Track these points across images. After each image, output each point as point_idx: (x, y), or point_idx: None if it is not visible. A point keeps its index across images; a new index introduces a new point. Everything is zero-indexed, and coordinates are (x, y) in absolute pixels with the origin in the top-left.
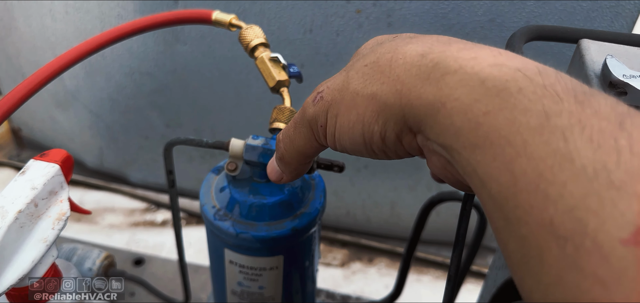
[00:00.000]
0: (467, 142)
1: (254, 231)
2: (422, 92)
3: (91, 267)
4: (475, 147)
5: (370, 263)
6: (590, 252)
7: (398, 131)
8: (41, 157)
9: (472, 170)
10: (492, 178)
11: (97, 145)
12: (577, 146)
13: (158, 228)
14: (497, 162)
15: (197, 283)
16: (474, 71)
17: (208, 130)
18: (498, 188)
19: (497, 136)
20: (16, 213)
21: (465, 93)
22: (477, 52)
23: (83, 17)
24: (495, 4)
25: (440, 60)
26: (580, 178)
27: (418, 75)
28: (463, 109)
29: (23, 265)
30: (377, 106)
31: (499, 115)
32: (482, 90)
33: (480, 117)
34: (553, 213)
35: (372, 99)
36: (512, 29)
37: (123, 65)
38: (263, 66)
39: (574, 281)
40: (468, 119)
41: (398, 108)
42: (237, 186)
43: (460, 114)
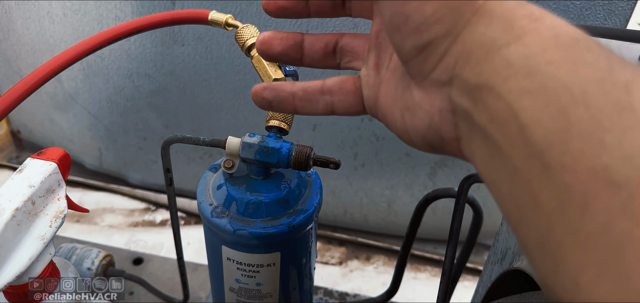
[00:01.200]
0: (518, 86)
1: (250, 228)
2: (495, 17)
3: (90, 266)
4: (526, 92)
5: (367, 261)
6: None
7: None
8: (38, 155)
9: (511, 115)
10: (538, 124)
11: (96, 147)
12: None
13: (157, 228)
14: (550, 108)
15: (196, 282)
16: (552, 24)
17: (206, 130)
18: (544, 133)
19: (554, 84)
20: (13, 211)
21: (537, 41)
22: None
23: (81, 19)
24: None
25: (527, 4)
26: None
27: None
28: (528, 54)
29: (20, 263)
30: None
31: (562, 65)
32: (553, 43)
33: (543, 65)
34: (608, 161)
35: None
36: None
37: (121, 67)
38: (259, 65)
39: (625, 228)
40: (529, 65)
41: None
42: (234, 183)
43: (523, 58)
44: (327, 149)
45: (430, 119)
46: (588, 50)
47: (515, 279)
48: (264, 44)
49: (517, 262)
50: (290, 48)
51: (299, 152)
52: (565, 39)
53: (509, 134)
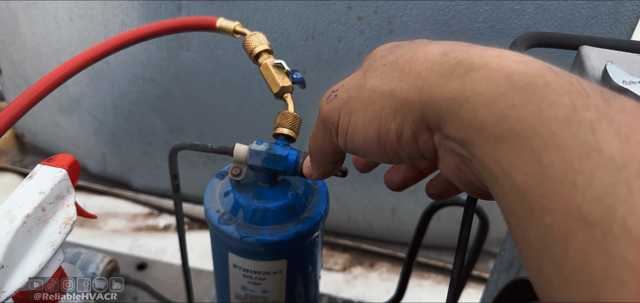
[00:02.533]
0: (491, 135)
1: (257, 235)
2: (445, 88)
3: (95, 271)
4: (500, 140)
5: (371, 268)
6: (619, 237)
7: (415, 129)
8: (48, 161)
9: (495, 163)
10: (517, 169)
11: (101, 151)
12: (605, 138)
13: (160, 233)
14: (524, 153)
15: (200, 287)
16: (499, 67)
17: (211, 135)
18: (523, 178)
19: (524, 128)
20: (24, 218)
21: (490, 87)
22: (501, 51)
23: (87, 23)
24: (495, 10)
25: (464, 58)
26: (609, 168)
27: (440, 72)
28: (488, 102)
29: (30, 269)
30: (395, 103)
31: (526, 108)
32: (508, 84)
33: (506, 110)
34: (581, 201)
35: (390, 96)
36: (512, 35)
37: (127, 72)
38: (267, 72)
39: (601, 264)
40: (493, 112)
41: (418, 104)
42: (241, 191)
43: (485, 107)
44: None
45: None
46: (546, 85)
47: (522, 289)
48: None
49: (524, 272)
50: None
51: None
52: (519, 78)
53: (498, 179)
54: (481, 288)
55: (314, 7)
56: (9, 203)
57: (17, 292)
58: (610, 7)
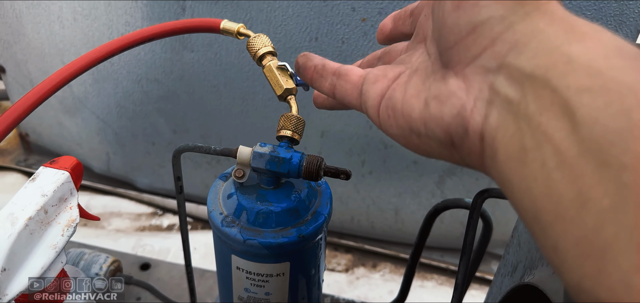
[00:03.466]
0: (577, 83)
1: (261, 238)
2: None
3: (98, 271)
4: (586, 90)
5: (374, 269)
6: None
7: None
8: (51, 164)
9: (567, 110)
10: (597, 122)
11: (105, 151)
12: None
13: (164, 233)
14: (612, 107)
15: (203, 287)
16: (612, 38)
17: (214, 136)
18: (603, 131)
19: (617, 86)
20: (26, 220)
21: (598, 46)
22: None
23: (91, 24)
24: None
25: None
26: None
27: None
28: (590, 56)
29: (32, 271)
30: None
31: (626, 72)
32: (616, 51)
33: (606, 69)
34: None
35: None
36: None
37: (131, 72)
38: (271, 74)
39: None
40: (590, 65)
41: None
42: (244, 193)
43: (585, 57)
44: (335, 156)
45: (461, 107)
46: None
47: (527, 294)
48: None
49: (529, 277)
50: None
51: (309, 162)
52: (628, 50)
53: (561, 128)
54: (484, 290)
55: (317, 8)
56: (12, 205)
57: (19, 294)
58: (615, 9)
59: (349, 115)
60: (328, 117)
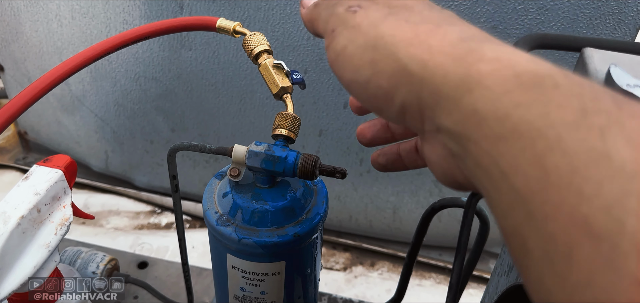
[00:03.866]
0: (491, 133)
1: (256, 237)
2: (450, 72)
3: (95, 270)
4: (500, 138)
5: (372, 268)
6: (628, 253)
7: (407, 102)
8: (44, 162)
9: (492, 162)
10: (518, 171)
11: (103, 149)
12: (616, 145)
13: (162, 231)
14: (526, 154)
15: (201, 286)
16: (510, 63)
17: (212, 134)
18: (524, 181)
19: (527, 128)
20: (18, 219)
21: (497, 83)
22: (515, 50)
23: (89, 22)
24: (497, 10)
25: (477, 47)
26: (619, 177)
27: (451, 54)
28: (492, 98)
29: (25, 271)
30: (395, 65)
31: (532, 108)
32: (516, 83)
33: (511, 108)
34: (587, 212)
35: (393, 55)
36: (515, 36)
37: (129, 70)
38: (266, 73)
39: (608, 281)
40: (495, 109)
41: (418, 79)
42: (239, 192)
43: (487, 103)
44: (333, 154)
45: (441, 168)
46: (556, 87)
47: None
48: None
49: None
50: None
51: (305, 161)
52: (528, 78)
53: (494, 180)
54: (482, 289)
55: None
56: (4, 204)
57: (11, 294)
58: (614, 8)
59: (346, 113)
60: (325, 115)
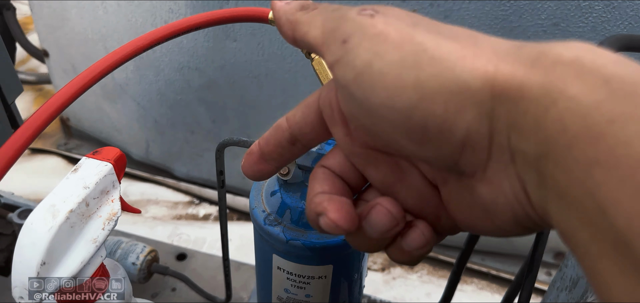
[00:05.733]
0: (583, 157)
1: (304, 239)
2: (526, 81)
3: (135, 261)
4: (594, 164)
5: (411, 270)
6: None
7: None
8: (94, 154)
9: (585, 193)
10: (618, 207)
11: (144, 138)
12: None
13: (200, 223)
14: (628, 187)
15: (238, 281)
16: (595, 65)
17: (253, 127)
18: (627, 221)
19: (625, 152)
20: (67, 213)
21: (584, 91)
22: (591, 46)
23: (135, 9)
24: (560, 7)
25: (548, 49)
26: None
27: (519, 59)
28: (581, 112)
29: (72, 266)
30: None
31: (629, 125)
32: (607, 91)
33: (604, 125)
34: None
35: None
36: (577, 34)
37: (173, 60)
38: (320, 67)
39: None
40: (587, 126)
41: (487, 95)
42: (288, 191)
43: (577, 118)
44: None
45: (512, 210)
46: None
47: None
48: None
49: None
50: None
51: None
52: (618, 85)
53: (587, 216)
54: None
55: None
56: (53, 197)
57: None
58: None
59: None
60: None
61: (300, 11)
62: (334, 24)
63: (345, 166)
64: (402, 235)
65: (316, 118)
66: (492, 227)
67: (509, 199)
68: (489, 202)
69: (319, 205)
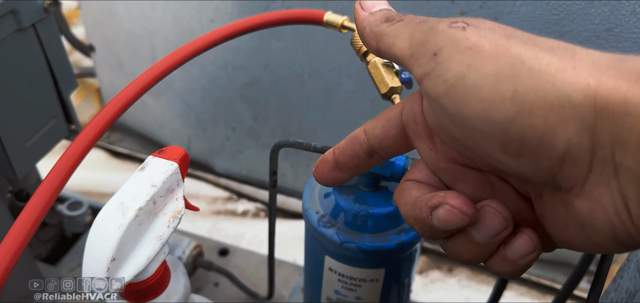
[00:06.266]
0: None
1: (358, 241)
2: (631, 95)
3: (181, 255)
4: None
5: (449, 273)
6: None
7: (574, 142)
8: (160, 154)
9: None
10: None
11: (186, 133)
12: None
13: (238, 218)
14: None
15: (279, 279)
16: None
17: (295, 125)
18: None
19: None
20: (136, 211)
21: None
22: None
23: (181, 7)
24: (614, 12)
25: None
26: None
27: (621, 73)
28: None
29: (139, 262)
30: (555, 97)
31: None
32: None
33: None
34: None
35: (547, 82)
36: (631, 40)
37: (217, 58)
38: (376, 71)
39: None
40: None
41: (589, 109)
42: (342, 193)
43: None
44: None
45: (612, 226)
46: None
47: None
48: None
49: None
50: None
51: None
52: None
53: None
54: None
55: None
56: (122, 194)
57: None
58: None
59: None
60: None
61: (385, 23)
62: (423, 37)
63: (432, 180)
64: (506, 242)
65: (398, 132)
66: (590, 243)
67: (609, 215)
68: (587, 218)
69: (431, 199)
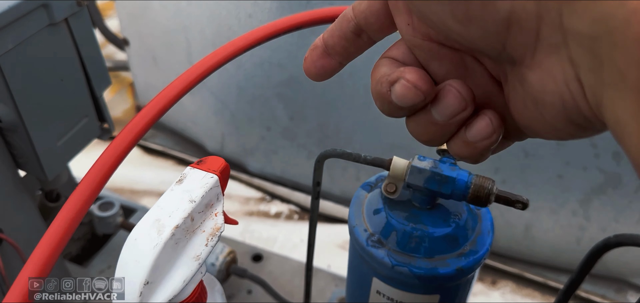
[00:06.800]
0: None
1: (412, 265)
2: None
3: (214, 262)
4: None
5: (493, 286)
6: None
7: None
8: (198, 164)
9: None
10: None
11: (220, 131)
12: None
13: (271, 220)
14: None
15: (314, 287)
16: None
17: (332, 126)
18: None
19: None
20: (173, 229)
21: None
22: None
23: (219, 2)
24: None
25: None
26: None
27: None
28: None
29: (174, 285)
30: None
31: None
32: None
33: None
34: None
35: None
36: None
37: (254, 55)
38: None
39: None
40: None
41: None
42: (394, 210)
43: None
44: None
45: (561, 100)
46: None
47: None
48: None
49: None
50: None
51: (479, 186)
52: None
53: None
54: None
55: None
56: (157, 210)
57: None
58: None
59: None
60: None
61: None
62: None
63: (408, 58)
64: (467, 125)
65: (381, 6)
66: (543, 122)
67: (559, 87)
68: (538, 92)
69: (390, 75)
